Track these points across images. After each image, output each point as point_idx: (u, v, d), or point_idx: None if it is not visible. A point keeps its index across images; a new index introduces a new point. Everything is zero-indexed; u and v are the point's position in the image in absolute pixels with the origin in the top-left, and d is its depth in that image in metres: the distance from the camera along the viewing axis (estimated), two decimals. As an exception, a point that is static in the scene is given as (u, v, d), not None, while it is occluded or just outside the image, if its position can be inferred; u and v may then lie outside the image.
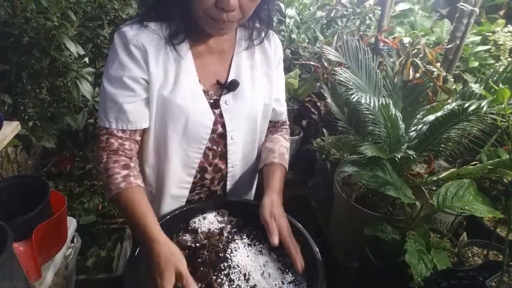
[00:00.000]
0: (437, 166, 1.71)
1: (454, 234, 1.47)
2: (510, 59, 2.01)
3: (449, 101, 1.43)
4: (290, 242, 0.78)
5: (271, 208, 0.83)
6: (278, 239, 0.78)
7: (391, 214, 1.50)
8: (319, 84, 2.10)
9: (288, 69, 2.27)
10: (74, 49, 1.28)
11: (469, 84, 1.33)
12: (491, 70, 1.91)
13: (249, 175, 1.05)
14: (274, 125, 1.06)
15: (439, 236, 1.35)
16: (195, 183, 0.95)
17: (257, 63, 0.91)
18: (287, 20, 2.33)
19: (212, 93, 0.87)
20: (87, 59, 1.40)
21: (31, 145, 1.33)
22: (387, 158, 1.12)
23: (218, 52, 0.88)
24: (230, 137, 0.90)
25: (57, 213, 1.01)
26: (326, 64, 2.12)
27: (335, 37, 2.12)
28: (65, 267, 1.19)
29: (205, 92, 0.85)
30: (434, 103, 1.33)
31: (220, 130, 0.89)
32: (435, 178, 1.18)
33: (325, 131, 2.04)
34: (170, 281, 0.66)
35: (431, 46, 2.13)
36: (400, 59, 1.61)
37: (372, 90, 1.33)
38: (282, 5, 2.26)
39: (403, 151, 1.11)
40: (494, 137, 1.43)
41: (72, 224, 1.19)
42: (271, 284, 0.75)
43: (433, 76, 1.52)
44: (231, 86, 0.87)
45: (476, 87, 1.03)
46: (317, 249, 0.79)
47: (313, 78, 2.22)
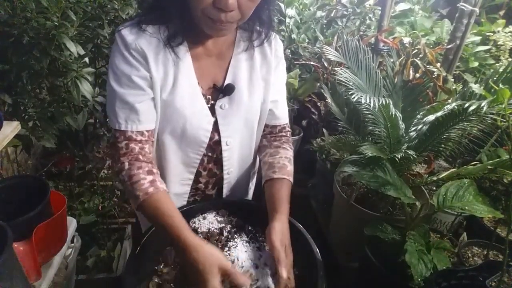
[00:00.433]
0: (437, 166, 1.71)
1: (454, 234, 1.47)
2: (510, 59, 2.01)
3: (449, 101, 1.43)
4: (284, 274, 0.72)
5: (282, 237, 0.76)
6: (286, 273, 0.72)
7: (391, 214, 1.50)
8: (319, 84, 2.10)
9: (288, 69, 2.27)
10: (74, 49, 1.28)
11: (469, 84, 1.33)
12: (491, 70, 1.92)
13: (245, 179, 1.04)
14: (271, 131, 0.98)
15: (439, 236, 1.36)
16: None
17: (256, 65, 0.89)
18: (287, 20, 2.33)
19: (209, 97, 0.86)
20: (87, 59, 1.40)
21: (31, 145, 1.33)
22: (387, 158, 1.12)
23: (216, 54, 0.86)
24: (224, 143, 0.89)
25: (57, 213, 1.01)
26: (326, 64, 2.12)
27: (335, 37, 2.12)
28: (65, 267, 1.19)
29: (203, 95, 0.84)
30: (434, 103, 1.33)
31: (216, 137, 0.88)
32: (435, 178, 1.18)
33: (325, 131, 2.04)
34: (217, 280, 0.65)
35: (431, 46, 2.13)
36: (400, 59, 1.61)
37: (372, 90, 1.33)
38: (282, 5, 2.26)
39: (403, 151, 1.11)
40: (494, 137, 1.43)
41: (72, 224, 1.19)
42: (268, 280, 0.75)
43: (433, 76, 1.52)
44: (226, 90, 0.85)
45: (476, 87, 1.03)
46: (317, 249, 0.79)
47: (313, 78, 2.22)
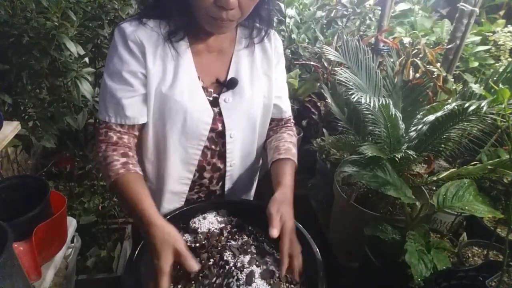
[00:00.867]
0: (437, 166, 1.71)
1: (454, 234, 1.47)
2: (510, 59, 2.01)
3: (449, 101, 1.43)
4: (287, 243, 0.73)
5: (279, 205, 0.77)
6: (278, 232, 0.72)
7: (391, 214, 1.50)
8: (319, 84, 2.10)
9: (288, 69, 2.27)
10: (74, 49, 1.28)
11: (469, 84, 1.33)
12: (491, 70, 1.92)
13: (248, 176, 1.04)
14: (277, 124, 1.04)
15: (439, 236, 1.35)
16: (194, 182, 0.95)
17: (257, 61, 0.92)
18: (287, 20, 2.33)
19: (211, 90, 0.88)
20: (87, 59, 1.39)
21: (31, 145, 1.33)
22: (387, 158, 1.12)
23: (217, 50, 0.88)
24: (229, 135, 0.90)
25: (57, 213, 1.01)
26: (326, 64, 2.12)
27: (335, 37, 2.12)
28: (65, 267, 1.19)
29: (204, 89, 0.86)
30: (434, 103, 1.33)
31: (219, 128, 0.89)
32: (435, 178, 1.18)
33: (325, 131, 2.04)
34: (167, 260, 0.66)
35: (431, 46, 2.13)
36: (400, 59, 1.61)
37: (372, 90, 1.33)
38: (282, 5, 2.26)
39: (403, 151, 1.11)
40: (494, 137, 1.43)
41: (72, 224, 1.19)
42: (269, 281, 0.75)
43: (433, 76, 1.52)
44: (230, 84, 0.87)
45: (476, 87, 1.03)
46: (317, 249, 0.79)
47: (313, 78, 2.22)
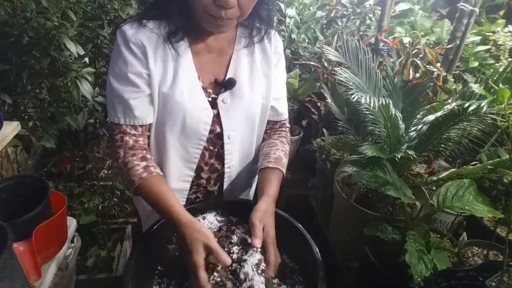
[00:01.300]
0: (437, 166, 1.71)
1: (454, 234, 1.47)
2: (510, 59, 2.01)
3: (449, 101, 1.43)
4: (272, 252, 0.76)
5: (262, 215, 0.79)
6: (260, 243, 0.75)
7: (391, 214, 1.50)
8: (319, 84, 2.10)
9: (288, 69, 2.27)
10: (74, 49, 1.27)
11: (469, 84, 1.33)
12: (491, 70, 1.92)
13: (247, 176, 1.04)
14: (272, 127, 1.03)
15: (439, 236, 1.35)
16: (191, 181, 0.95)
17: (257, 61, 0.91)
18: (287, 20, 2.33)
19: (210, 91, 0.88)
20: (87, 59, 1.39)
21: (31, 145, 1.33)
22: (387, 158, 1.12)
23: (217, 50, 0.88)
24: (227, 136, 0.90)
25: (57, 213, 1.01)
26: (326, 64, 2.12)
27: (335, 37, 2.12)
28: (65, 267, 1.19)
29: (204, 89, 0.86)
30: (434, 103, 1.33)
31: (218, 130, 0.89)
32: (435, 178, 1.18)
33: (325, 131, 2.04)
34: (200, 255, 0.69)
35: (431, 46, 2.13)
36: (400, 59, 1.61)
37: (372, 90, 1.33)
38: (282, 5, 2.26)
39: (403, 151, 1.11)
40: (494, 137, 1.43)
41: (72, 224, 1.19)
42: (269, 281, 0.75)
43: (433, 76, 1.52)
44: (228, 84, 0.87)
45: (476, 87, 1.03)
46: (317, 249, 0.79)
47: (313, 78, 2.21)
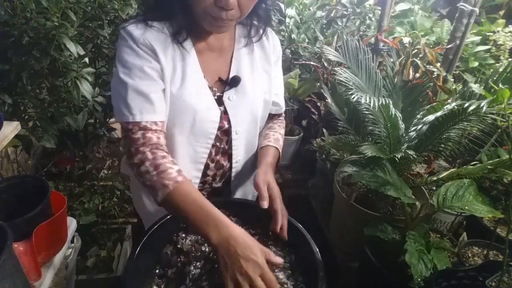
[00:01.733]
0: (437, 166, 1.71)
1: (454, 234, 1.47)
2: (510, 59, 2.01)
3: (449, 101, 1.43)
4: (279, 207, 0.83)
5: (265, 176, 0.87)
6: (267, 203, 0.82)
7: (391, 214, 1.50)
8: (319, 84, 2.10)
9: (288, 69, 2.27)
10: (74, 49, 1.27)
11: (469, 84, 1.33)
12: (491, 70, 1.92)
13: (251, 168, 1.06)
14: (272, 117, 1.10)
15: (439, 236, 1.35)
16: None
17: (257, 59, 0.94)
18: (287, 20, 2.33)
19: (216, 89, 0.89)
20: (87, 59, 1.39)
21: (31, 145, 1.33)
22: (387, 158, 1.12)
23: (218, 49, 0.90)
24: (234, 132, 0.92)
25: (57, 213, 1.01)
26: (326, 64, 2.12)
27: (335, 37, 2.11)
28: (65, 267, 1.19)
29: (210, 88, 0.87)
30: (434, 103, 1.33)
31: (225, 126, 0.91)
32: (435, 178, 1.18)
33: (325, 131, 2.04)
34: (262, 254, 0.66)
35: (431, 46, 2.13)
36: (400, 59, 1.61)
37: (372, 90, 1.33)
38: (282, 5, 2.26)
39: (403, 151, 1.11)
40: (494, 137, 1.43)
41: (72, 224, 1.19)
42: None
43: (433, 76, 1.52)
44: (233, 82, 0.89)
45: (476, 87, 1.03)
46: (317, 249, 0.79)
47: (313, 78, 2.21)
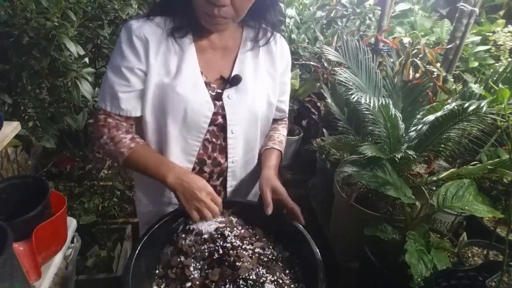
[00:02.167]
0: (437, 166, 1.71)
1: (454, 234, 1.47)
2: (510, 59, 2.01)
3: (449, 101, 1.43)
4: (292, 204, 0.88)
5: (270, 181, 0.91)
6: (271, 210, 0.87)
7: (391, 214, 1.50)
8: (319, 84, 2.10)
9: (288, 69, 2.26)
10: (74, 49, 1.28)
11: (469, 84, 1.33)
12: (491, 70, 1.91)
13: (251, 175, 1.06)
14: (275, 120, 1.13)
15: (439, 236, 1.35)
16: None
17: (261, 62, 0.95)
18: (287, 20, 2.33)
19: (215, 86, 0.90)
20: (87, 59, 1.39)
21: (31, 145, 1.33)
22: (387, 158, 1.12)
23: (221, 48, 0.91)
24: (230, 130, 0.93)
25: (57, 213, 1.01)
26: (326, 64, 2.12)
27: (335, 37, 2.12)
28: (65, 267, 1.19)
29: (207, 84, 0.89)
30: (434, 103, 1.33)
31: (220, 121, 0.91)
32: (435, 178, 1.18)
33: (325, 131, 2.04)
34: (211, 191, 0.79)
35: (431, 46, 2.13)
36: (400, 59, 1.61)
37: (372, 90, 1.33)
38: (282, 5, 2.26)
39: (403, 151, 1.11)
40: (494, 137, 1.43)
41: (72, 224, 1.19)
42: (269, 278, 0.75)
43: (433, 76, 1.52)
44: (234, 80, 0.90)
45: (476, 87, 1.03)
46: (317, 249, 0.79)
47: (313, 78, 2.21)
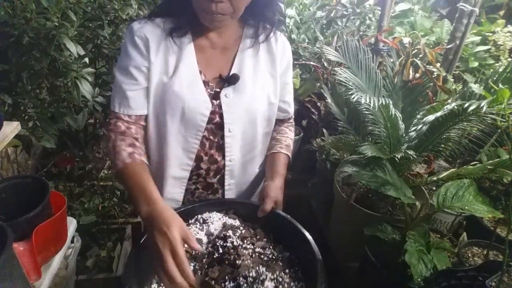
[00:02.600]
0: (437, 166, 1.71)
1: (454, 234, 1.47)
2: (510, 59, 2.01)
3: (449, 101, 1.43)
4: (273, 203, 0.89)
5: (275, 192, 0.91)
6: (262, 214, 0.88)
7: (391, 214, 1.50)
8: (319, 84, 2.10)
9: (288, 69, 2.26)
10: (74, 49, 1.27)
11: (469, 84, 1.33)
12: (491, 70, 1.92)
13: (250, 180, 1.06)
14: (282, 121, 1.11)
15: (439, 236, 1.35)
16: (191, 171, 0.97)
17: (261, 61, 0.94)
18: (287, 20, 2.33)
19: (213, 85, 0.90)
20: (87, 59, 1.39)
21: (31, 145, 1.33)
22: (387, 158, 1.12)
23: (221, 47, 0.91)
24: (227, 129, 0.92)
25: (57, 213, 1.01)
26: (326, 64, 2.12)
27: (335, 37, 2.12)
28: (65, 267, 1.19)
29: (205, 83, 0.89)
30: (434, 103, 1.33)
31: (217, 119, 0.91)
32: (435, 178, 1.18)
33: (325, 131, 2.04)
34: (178, 232, 0.68)
35: (431, 46, 2.13)
36: (400, 59, 1.61)
37: (372, 90, 1.33)
38: (282, 5, 2.26)
39: (403, 151, 1.11)
40: (494, 137, 1.43)
41: (72, 224, 1.19)
42: (269, 276, 0.75)
43: (433, 76, 1.52)
44: (231, 79, 0.90)
45: (476, 87, 1.03)
46: (317, 249, 0.79)
47: (313, 78, 2.21)
